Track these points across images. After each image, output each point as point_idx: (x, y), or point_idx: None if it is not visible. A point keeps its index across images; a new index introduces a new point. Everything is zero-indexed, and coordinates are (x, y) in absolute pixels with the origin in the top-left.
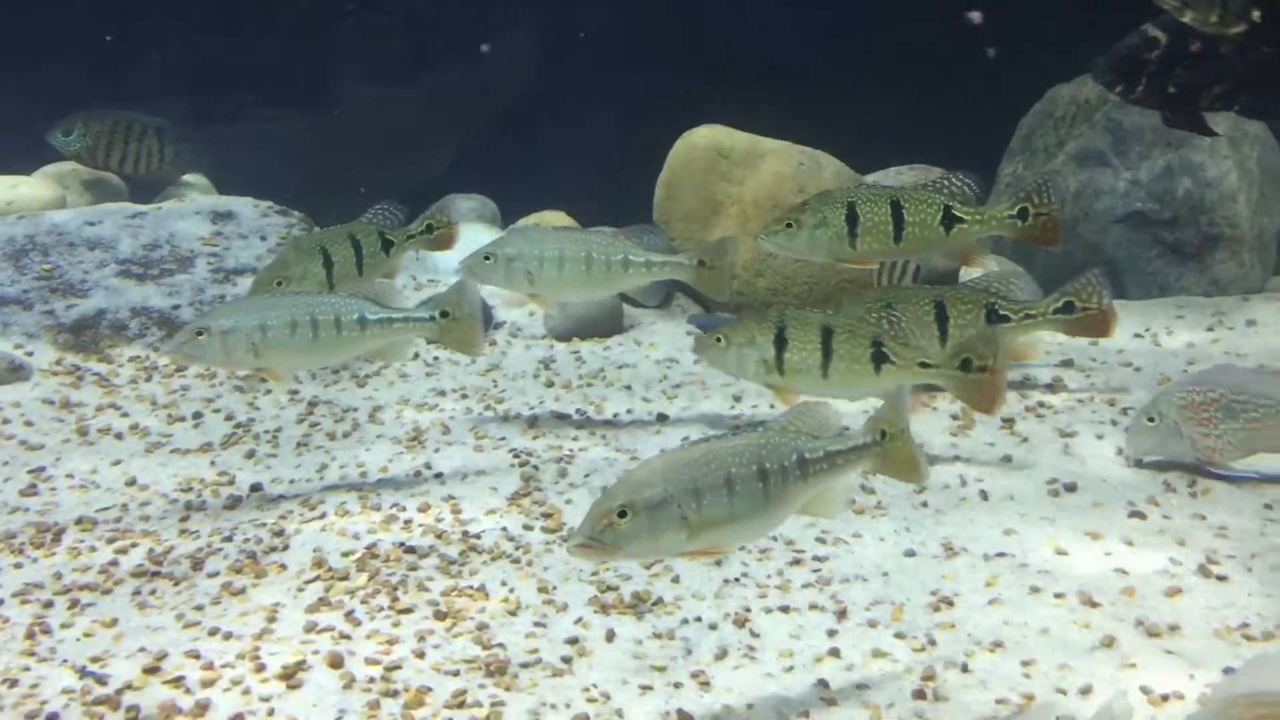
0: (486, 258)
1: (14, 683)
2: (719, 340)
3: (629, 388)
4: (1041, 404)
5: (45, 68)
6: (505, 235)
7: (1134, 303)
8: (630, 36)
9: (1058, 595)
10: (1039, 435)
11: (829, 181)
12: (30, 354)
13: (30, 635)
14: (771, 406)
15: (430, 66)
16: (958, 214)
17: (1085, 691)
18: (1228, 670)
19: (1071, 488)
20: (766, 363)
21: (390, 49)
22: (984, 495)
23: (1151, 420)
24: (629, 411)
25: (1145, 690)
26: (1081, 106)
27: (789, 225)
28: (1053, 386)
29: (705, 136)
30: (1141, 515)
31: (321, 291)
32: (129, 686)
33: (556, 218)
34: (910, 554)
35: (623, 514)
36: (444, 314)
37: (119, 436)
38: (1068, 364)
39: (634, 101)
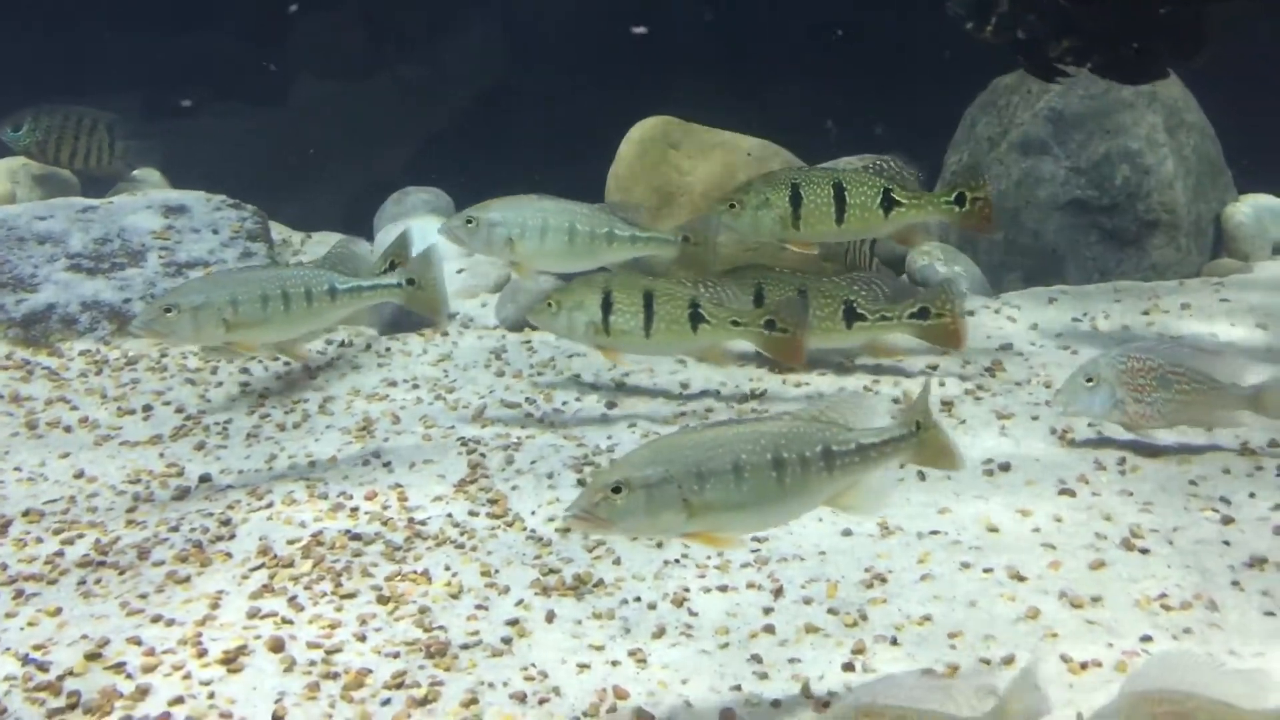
0: (469, 221)
1: None
2: (550, 305)
3: (578, 376)
4: (980, 387)
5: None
6: (491, 201)
7: (1073, 288)
8: (583, 28)
9: (986, 570)
10: (977, 417)
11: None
12: None
13: None
14: (718, 392)
15: (385, 59)
16: (897, 197)
17: (1008, 661)
18: (1145, 638)
19: (1006, 467)
20: (594, 324)
21: (344, 42)
22: (921, 475)
23: (1089, 381)
24: (577, 400)
25: (1065, 659)
26: (1024, 96)
27: (732, 205)
28: (991, 370)
29: (655, 127)
30: (1071, 492)
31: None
32: (70, 673)
33: None
34: (847, 534)
35: (618, 490)
36: (410, 281)
37: (68, 430)
38: (1006, 348)
39: (588, 93)
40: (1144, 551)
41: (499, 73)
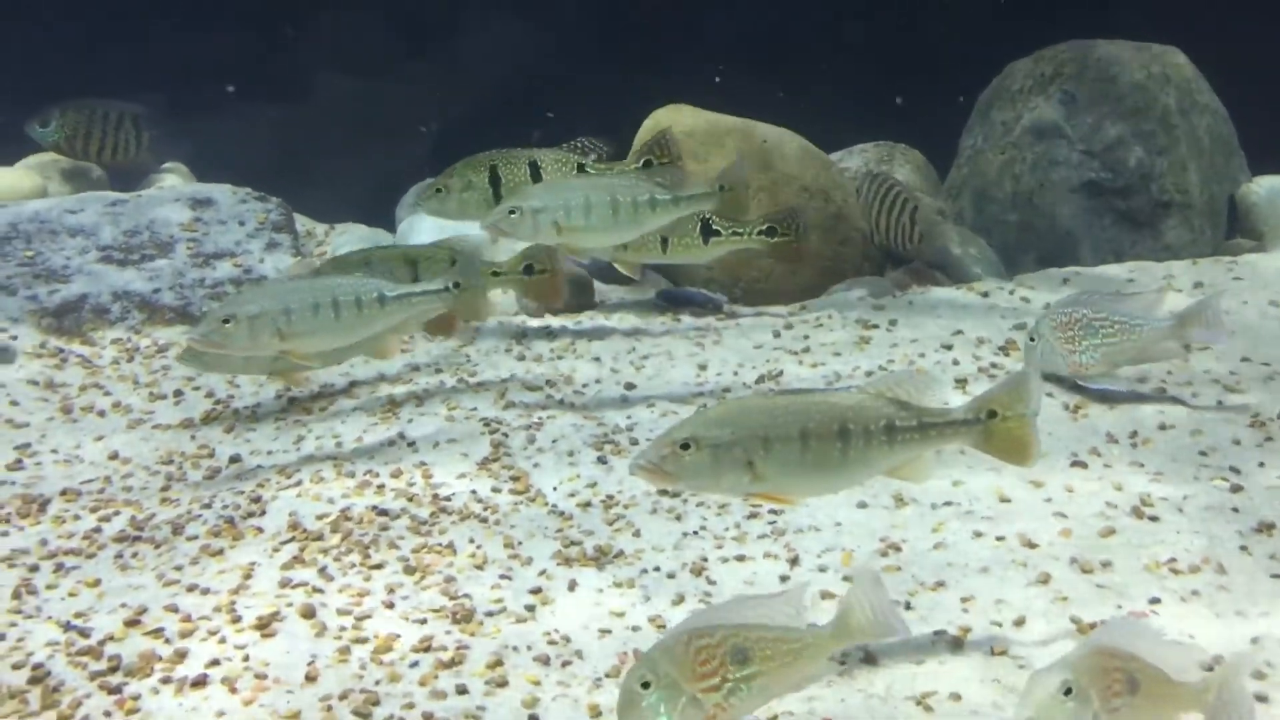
0: (512, 212)
1: (1, 637)
2: (439, 190)
3: (598, 359)
4: (994, 365)
5: (24, 60)
6: (527, 188)
7: (1087, 269)
8: (597, 19)
9: (999, 538)
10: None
11: (792, 158)
12: (15, 338)
13: (17, 595)
14: (735, 374)
15: (406, 52)
16: (591, 170)
17: (1019, 623)
18: (1153, 600)
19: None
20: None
21: (366, 39)
22: (936, 450)
23: (1033, 340)
24: (597, 381)
25: (1075, 620)
26: (1038, 80)
27: (438, 191)
28: (1005, 349)
29: (670, 115)
30: (1083, 465)
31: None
32: (111, 638)
33: None
34: (862, 506)
35: (686, 446)
36: (455, 285)
37: (102, 414)
38: (1021, 328)
39: (603, 83)
40: (1154, 519)
41: (516, 62)
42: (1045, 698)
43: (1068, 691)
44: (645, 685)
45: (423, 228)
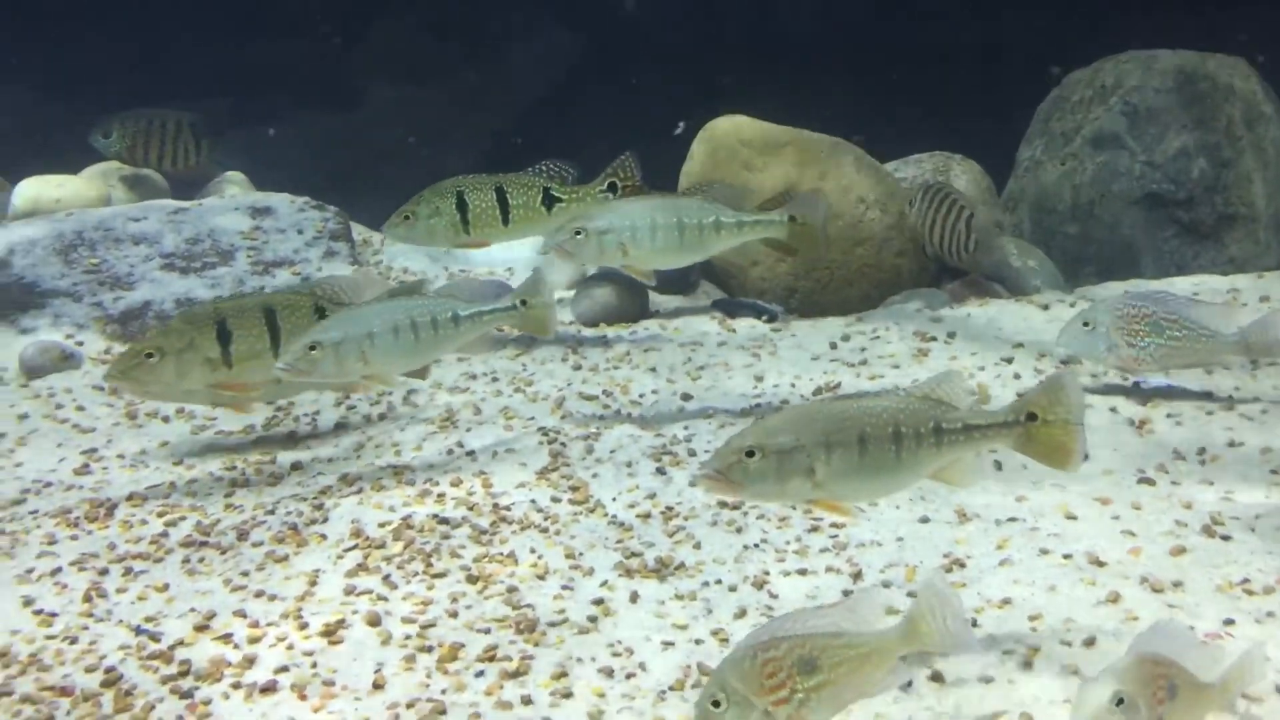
0: (578, 233)
1: (74, 640)
2: (406, 217)
3: (654, 370)
4: None
5: (88, 70)
6: (594, 210)
7: (1149, 282)
8: (652, 27)
9: (1066, 556)
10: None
11: (849, 169)
12: (80, 343)
13: (88, 599)
14: (793, 385)
15: (455, 65)
16: (556, 194)
17: (1089, 643)
18: (1227, 621)
19: (1084, 456)
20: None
21: (416, 48)
22: (998, 465)
23: (1086, 325)
24: (654, 392)
25: None
26: (1098, 91)
27: (406, 218)
28: (1067, 363)
29: (728, 126)
30: (1150, 481)
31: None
32: (181, 643)
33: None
34: (924, 520)
35: (751, 454)
36: (523, 303)
37: (166, 420)
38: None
39: (657, 92)
40: (1225, 538)
41: (568, 74)
42: (1098, 709)
43: (1119, 702)
44: (716, 704)
45: None
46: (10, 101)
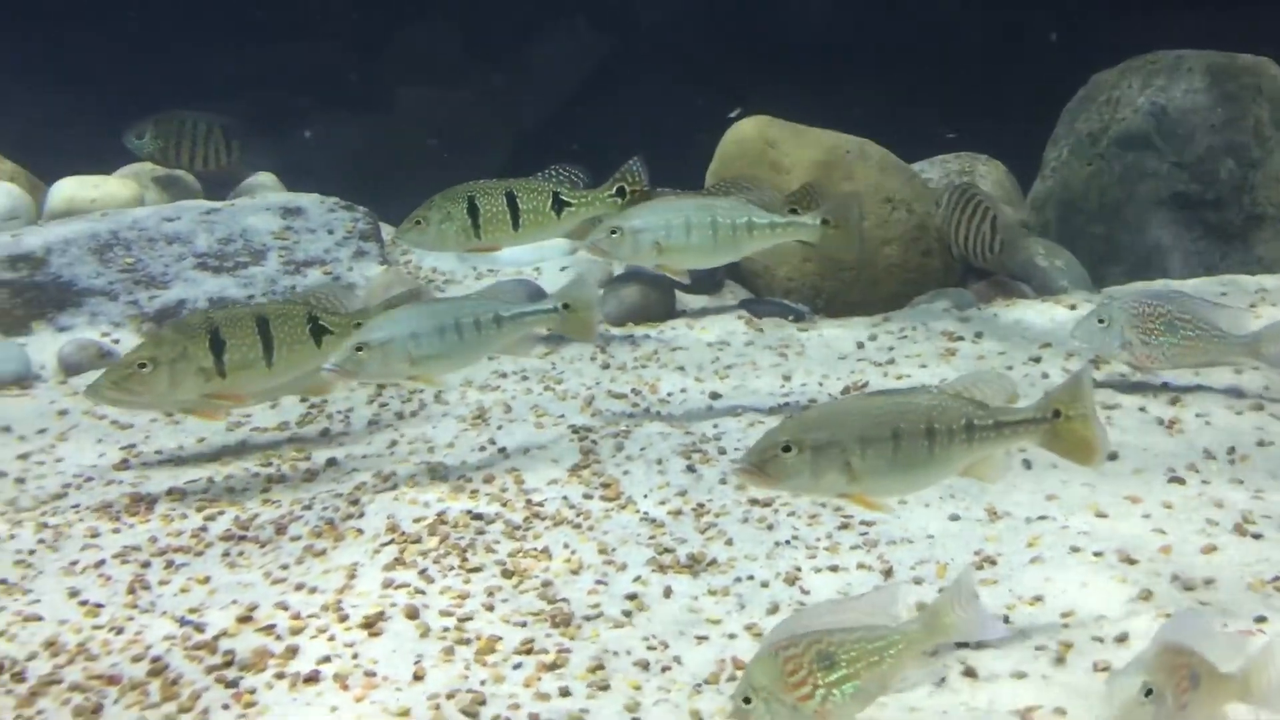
0: (613, 232)
1: (120, 630)
2: (418, 222)
3: (682, 368)
4: None
5: (122, 72)
6: (627, 210)
7: (1177, 283)
8: (676, 29)
9: (1097, 554)
10: None
11: (874, 169)
12: (117, 341)
13: (131, 590)
14: (820, 384)
15: (485, 64)
16: (565, 199)
17: (1121, 639)
18: (1259, 619)
19: (1113, 456)
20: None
21: (444, 49)
22: (1027, 465)
23: (1101, 321)
24: (682, 390)
25: None
26: (1125, 92)
27: (418, 223)
28: (1095, 363)
29: (753, 127)
30: (1181, 480)
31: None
32: (225, 633)
33: None
34: (955, 518)
35: (788, 449)
36: (565, 305)
37: None
38: None
39: (682, 93)
40: (1256, 537)
41: (594, 75)
42: (1127, 700)
43: (1149, 693)
44: (747, 701)
45: None
46: (43, 102)
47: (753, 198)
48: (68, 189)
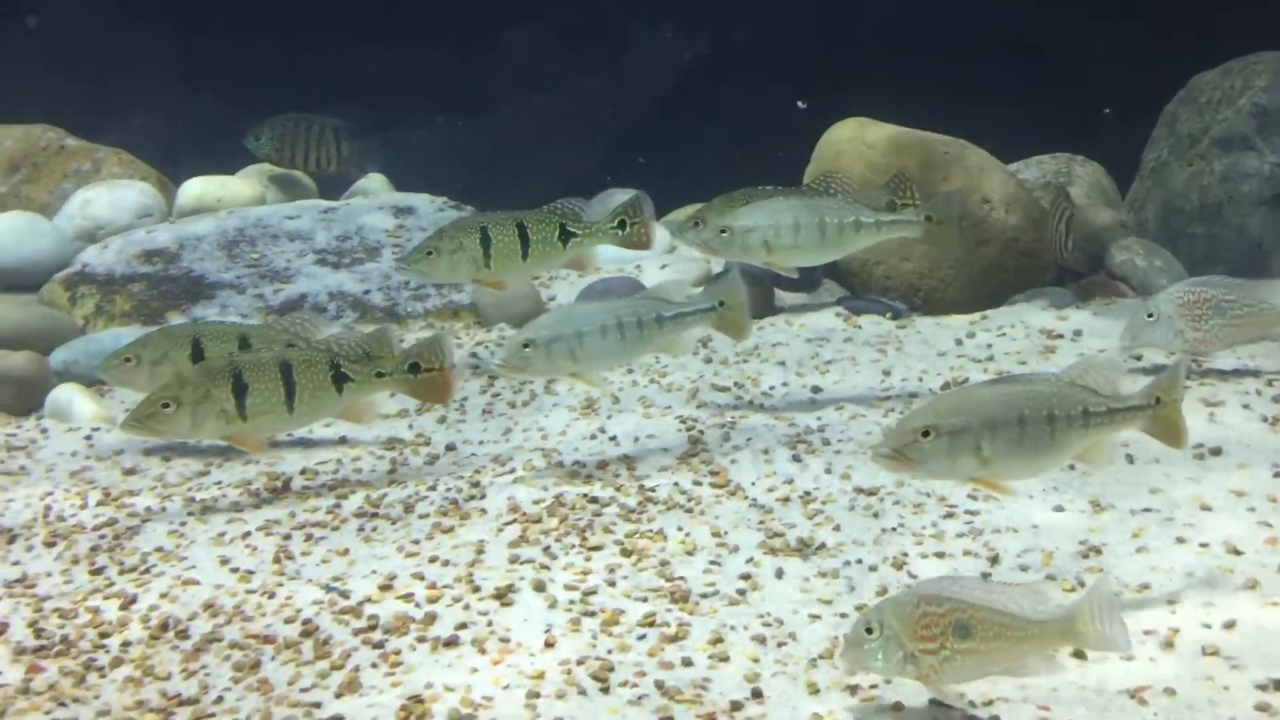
0: (723, 231)
1: (271, 594)
2: (429, 253)
3: (782, 363)
4: (1186, 376)
5: (243, 77)
6: (739, 209)
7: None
8: (774, 32)
9: (1202, 545)
10: (1185, 405)
11: (972, 169)
12: None
13: (277, 560)
14: (920, 380)
15: (581, 70)
16: (571, 229)
17: (1229, 625)
18: None
19: (1217, 451)
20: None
21: (546, 53)
22: (1130, 459)
23: (1150, 316)
24: (784, 385)
25: None
26: (1225, 92)
27: (429, 254)
28: (1197, 361)
29: (852, 129)
30: None
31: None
32: (368, 600)
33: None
34: (1059, 509)
35: (926, 434)
36: (721, 304)
37: None
38: None
39: (780, 95)
40: None
41: (692, 77)
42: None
43: (868, 630)
44: (869, 630)
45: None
46: (171, 107)
47: (858, 196)
48: (196, 188)
